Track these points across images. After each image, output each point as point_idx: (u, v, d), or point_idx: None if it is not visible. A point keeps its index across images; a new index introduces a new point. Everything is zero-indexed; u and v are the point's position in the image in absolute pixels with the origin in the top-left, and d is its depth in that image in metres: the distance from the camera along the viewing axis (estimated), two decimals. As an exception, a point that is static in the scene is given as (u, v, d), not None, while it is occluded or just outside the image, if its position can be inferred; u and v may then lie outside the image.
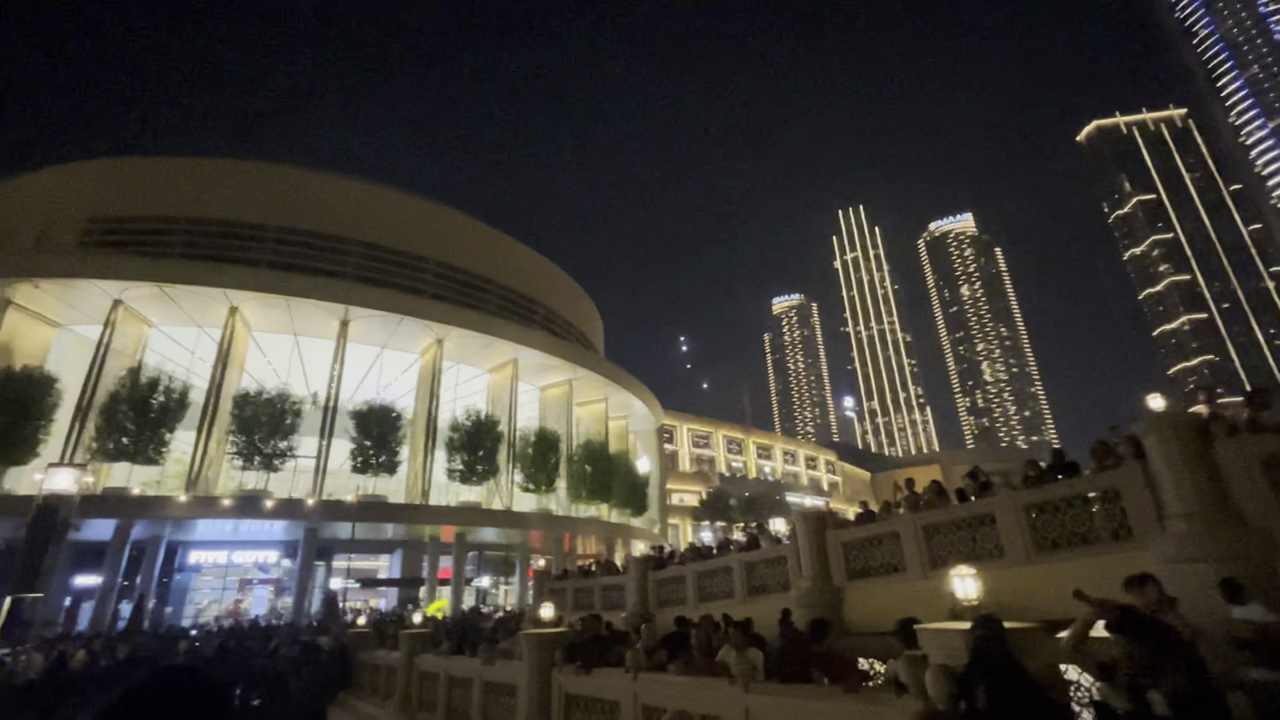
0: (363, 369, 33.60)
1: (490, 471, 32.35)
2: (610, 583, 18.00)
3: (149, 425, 26.32)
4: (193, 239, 32.77)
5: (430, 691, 12.76)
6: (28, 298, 28.05)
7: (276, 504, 25.81)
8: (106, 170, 34.96)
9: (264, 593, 31.78)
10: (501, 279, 41.49)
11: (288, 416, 28.06)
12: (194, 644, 17.26)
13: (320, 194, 36.89)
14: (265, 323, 30.72)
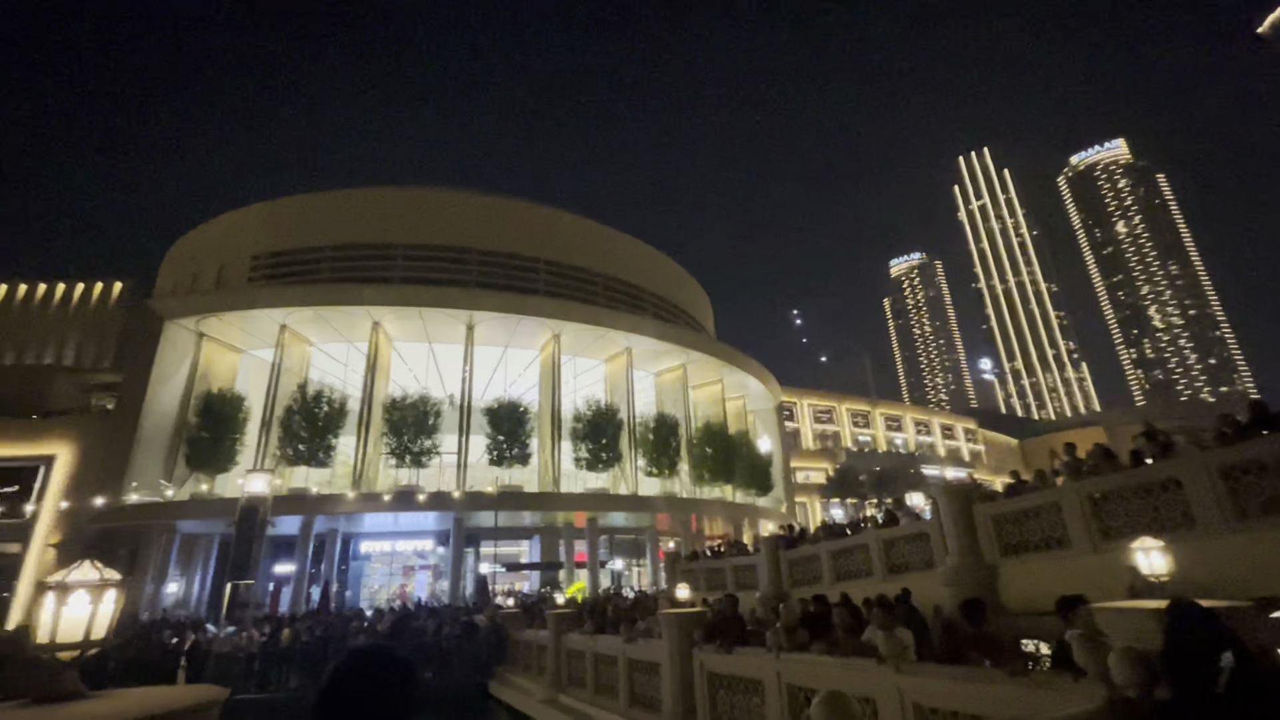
0: (490, 368, 35.86)
1: (614, 458, 33.38)
2: (741, 563, 17.95)
3: (318, 433, 29.88)
4: (337, 264, 36.53)
5: (578, 668, 13.48)
6: (216, 329, 32.78)
7: (428, 497, 28.35)
8: (263, 212, 39.79)
9: (424, 577, 35.09)
10: (609, 271, 42.40)
11: (430, 417, 30.68)
12: (369, 624, 19.46)
13: (440, 209, 39.64)
14: (403, 333, 33.65)
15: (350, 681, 1.57)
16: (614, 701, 11.53)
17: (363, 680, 1.57)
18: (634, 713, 10.77)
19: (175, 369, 31.94)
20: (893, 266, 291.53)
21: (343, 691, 1.56)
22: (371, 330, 32.08)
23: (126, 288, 40.72)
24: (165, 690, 2.23)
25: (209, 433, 29.74)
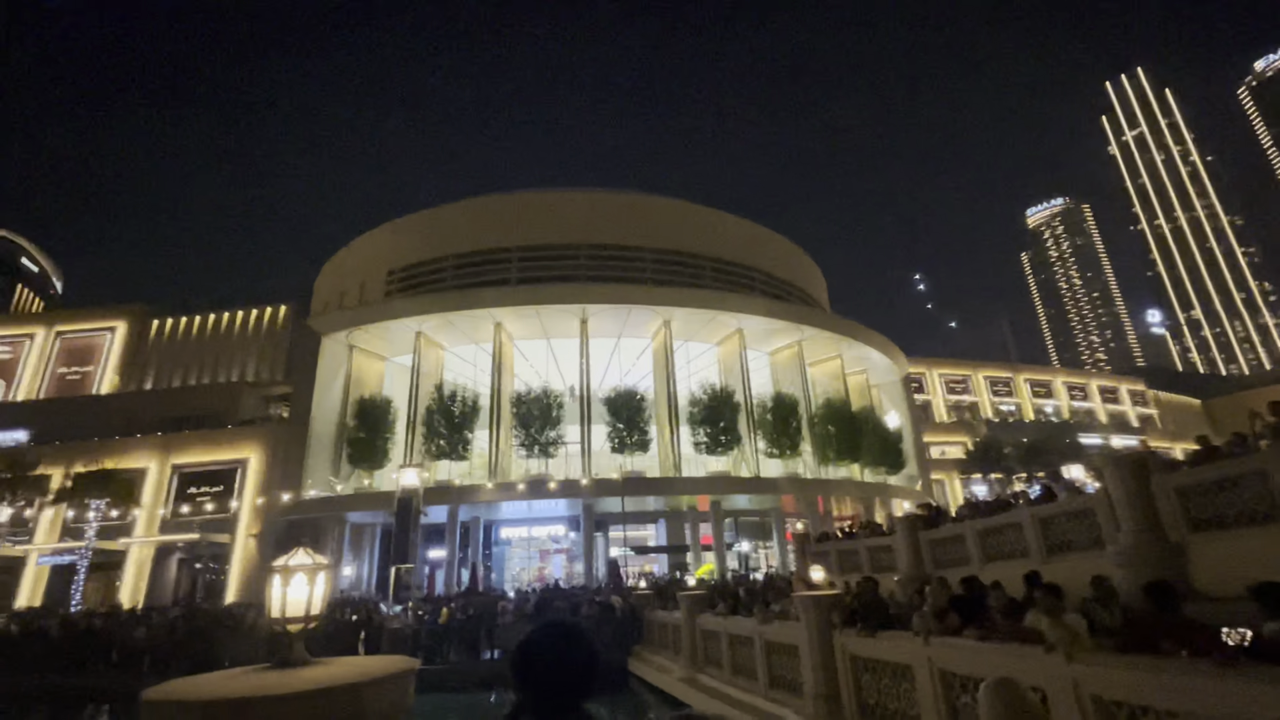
0: (605, 359, 36.89)
1: (733, 441, 33.18)
2: (876, 544, 17.20)
3: (455, 429, 32.38)
4: (460, 271, 39.19)
5: (713, 648, 13.65)
6: (363, 340, 36.44)
7: (557, 485, 29.87)
8: (391, 230, 43.53)
9: (559, 561, 37.06)
10: (715, 253, 41.96)
11: (553, 410, 32.19)
12: (515, 604, 20.90)
13: (548, 210, 41.23)
14: (523, 331, 35.47)
15: (542, 650, 1.77)
16: (753, 682, 11.55)
17: (553, 649, 1.77)
18: (774, 694, 10.73)
19: (333, 378, 35.95)
20: (1030, 217, 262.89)
21: (537, 658, 1.75)
22: (494, 331, 34.12)
23: (289, 310, 46.32)
24: (373, 659, 2.57)
25: (365, 433, 33.26)
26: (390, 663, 2.40)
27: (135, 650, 18.85)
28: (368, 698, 2.17)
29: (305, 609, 2.73)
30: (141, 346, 46.80)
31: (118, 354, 46.16)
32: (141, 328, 47.22)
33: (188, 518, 35.26)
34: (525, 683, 1.74)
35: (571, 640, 1.80)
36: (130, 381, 45.64)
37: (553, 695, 1.73)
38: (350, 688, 2.18)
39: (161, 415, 40.51)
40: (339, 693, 2.15)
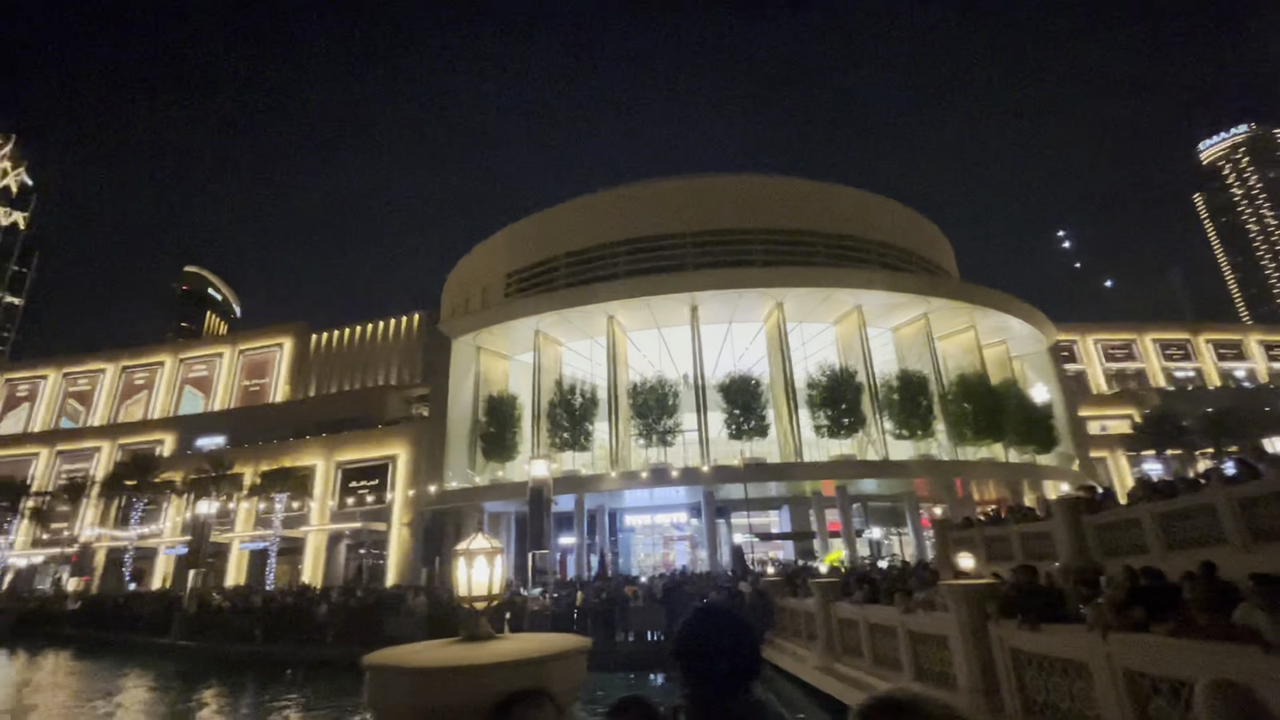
0: (718, 345, 36.67)
1: (857, 423, 31.78)
2: (1031, 530, 15.76)
3: (576, 422, 33.69)
4: (571, 269, 40.57)
5: (851, 637, 13.20)
6: (488, 341, 38.85)
7: (679, 473, 30.20)
8: (506, 236, 45.85)
9: (682, 547, 37.51)
10: (827, 228, 40.17)
11: (668, 398, 32.55)
12: (645, 589, 21.43)
13: (652, 200, 41.49)
14: (634, 322, 36.10)
15: (710, 633, 1.80)
16: (897, 674, 11.05)
17: (720, 632, 1.80)
18: (922, 686, 10.20)
19: (464, 378, 38.69)
20: (1202, 152, 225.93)
21: (705, 641, 1.78)
22: (607, 324, 35.01)
23: (422, 317, 50.45)
24: (552, 635, 2.75)
25: (495, 428, 35.55)
26: (566, 640, 2.57)
27: (319, 625, 21.52)
28: (553, 671, 2.33)
29: (487, 588, 2.98)
30: (304, 358, 53.07)
31: (287, 366, 52.67)
32: (304, 342, 53.50)
33: (351, 509, 39.65)
34: (696, 665, 1.77)
35: (735, 622, 1.84)
36: (298, 390, 51.94)
37: (725, 676, 1.74)
38: (538, 660, 2.34)
39: (323, 418, 45.80)
40: (529, 664, 2.32)
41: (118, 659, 23.70)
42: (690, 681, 1.78)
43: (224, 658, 21.73)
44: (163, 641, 24.75)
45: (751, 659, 1.82)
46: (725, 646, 1.77)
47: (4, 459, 51.16)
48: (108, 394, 55.94)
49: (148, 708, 16.18)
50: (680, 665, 1.80)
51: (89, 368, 57.54)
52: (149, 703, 16.72)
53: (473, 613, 2.93)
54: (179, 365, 55.61)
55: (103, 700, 16.84)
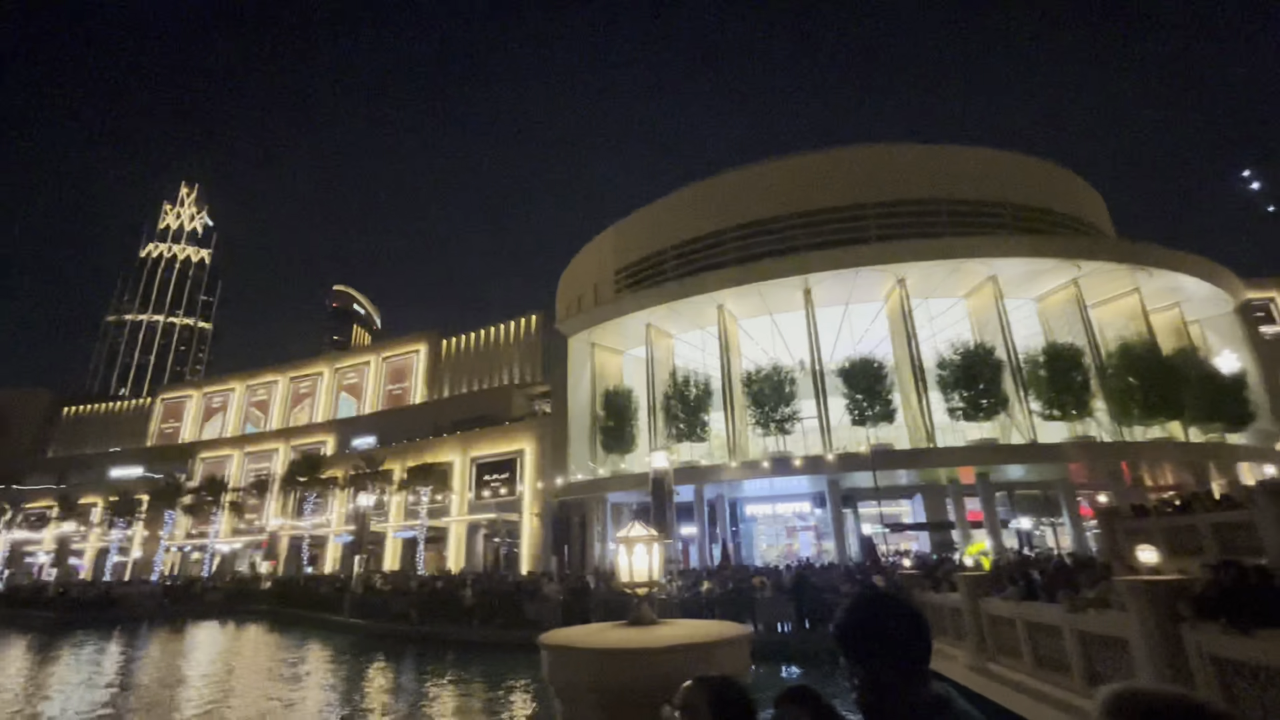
0: (835, 328, 35.16)
1: (998, 404, 29.14)
2: (1227, 519, 13.63)
3: (691, 413, 33.76)
4: (679, 260, 40.62)
5: (1005, 636, 12.15)
6: (601, 338, 39.91)
7: (802, 462, 29.30)
8: (613, 233, 46.75)
9: (806, 538, 36.47)
10: (951, 194, 37.06)
11: (785, 386, 31.71)
12: (771, 579, 21.06)
13: (754, 184, 40.47)
14: (745, 310, 35.47)
15: (872, 615, 1.73)
16: (1064, 677, 10.00)
17: (882, 615, 1.72)
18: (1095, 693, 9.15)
19: (581, 374, 40.05)
20: None
21: (867, 622, 1.72)
22: (717, 314, 34.68)
23: (539, 318, 52.85)
24: (711, 623, 2.75)
25: (612, 422, 36.49)
26: (729, 627, 2.55)
27: (465, 607, 23.28)
28: (721, 657, 2.32)
29: (648, 574, 3.03)
30: (437, 362, 57.51)
31: (423, 370, 57.36)
32: (436, 347, 57.98)
33: (486, 500, 42.50)
34: (865, 650, 1.69)
35: (904, 608, 1.75)
36: (433, 391, 56.41)
37: (898, 663, 1.65)
38: (707, 646, 2.35)
39: (457, 417, 49.39)
40: (699, 649, 2.33)
41: (302, 632, 27.13)
42: (859, 670, 1.69)
43: (387, 635, 24.15)
44: (337, 619, 27.95)
45: (925, 645, 1.70)
46: (896, 631, 1.68)
47: (208, 460, 60.22)
48: (280, 402, 64.00)
49: (330, 673, 18.38)
50: (846, 650, 1.72)
51: (265, 380, 66.13)
52: (330, 669, 18.98)
53: (636, 598, 2.99)
54: (334, 374, 62.40)
55: (292, 667, 19.36)
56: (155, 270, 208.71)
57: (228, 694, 15.53)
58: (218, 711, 13.72)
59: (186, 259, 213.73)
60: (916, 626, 1.70)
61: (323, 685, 16.68)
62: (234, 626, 31.39)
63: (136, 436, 70.85)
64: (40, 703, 15.20)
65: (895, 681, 1.65)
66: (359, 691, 15.71)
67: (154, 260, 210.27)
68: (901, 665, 1.66)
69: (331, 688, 16.21)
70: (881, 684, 1.66)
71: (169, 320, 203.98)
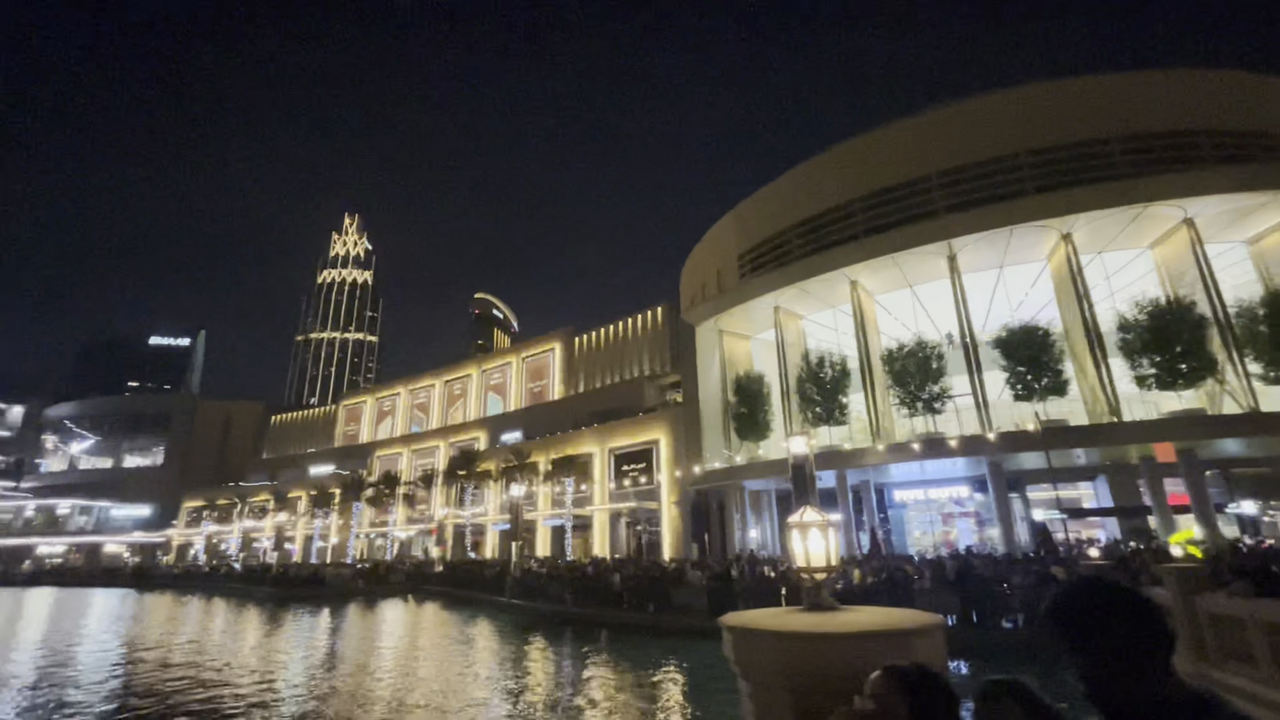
0: (986, 295, 31.99)
1: (1202, 368, 24.88)
2: None
3: (828, 395, 32.41)
4: (803, 238, 39.02)
5: (1231, 639, 10.38)
6: (728, 324, 39.50)
7: (959, 442, 27.02)
8: (733, 218, 45.90)
9: (965, 524, 33.63)
10: (1124, 128, 31.91)
11: (931, 362, 29.40)
12: (929, 569, 19.67)
13: (881, 147, 37.63)
14: (881, 284, 33.28)
15: (1094, 596, 1.58)
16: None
17: (1107, 597, 1.56)
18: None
19: (710, 362, 39.95)
20: None
21: (1083, 609, 1.57)
22: (850, 290, 32.91)
23: (665, 308, 53.43)
24: (903, 611, 2.60)
25: (745, 408, 36.03)
26: (917, 617, 2.40)
27: (614, 591, 24.25)
28: (918, 646, 2.18)
29: (825, 559, 2.94)
30: (571, 359, 60.20)
31: (559, 367, 60.36)
32: (569, 345, 60.72)
33: (626, 489, 43.89)
34: (1086, 634, 1.52)
35: (1130, 591, 1.58)
36: (569, 386, 59.17)
37: (1129, 649, 1.48)
38: (903, 634, 2.22)
39: (592, 410, 51.42)
40: (894, 637, 2.22)
41: (470, 611, 29.79)
42: (1079, 658, 1.53)
43: (544, 615, 25.83)
44: (500, 599, 30.38)
45: (1155, 633, 1.50)
46: (1119, 617, 1.51)
47: (383, 457, 68.03)
48: (438, 403, 70.57)
49: (496, 647, 20.05)
50: (1062, 635, 1.56)
51: (424, 384, 73.23)
52: (496, 644, 20.69)
53: (814, 583, 2.91)
54: (481, 375, 67.60)
55: (463, 641, 21.34)
56: (330, 293, 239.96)
57: (415, 659, 17.52)
58: (418, 673, 15.50)
59: (353, 281, 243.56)
60: (1145, 612, 1.52)
61: (500, 658, 18.21)
62: (415, 603, 35.23)
63: (326, 438, 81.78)
64: (295, 653, 18.12)
65: (1123, 672, 1.49)
66: (532, 664, 16.98)
67: (328, 285, 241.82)
68: (1128, 654, 1.49)
69: (507, 660, 17.65)
70: (1106, 674, 1.50)
71: (343, 336, 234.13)
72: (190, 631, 26.94)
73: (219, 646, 22.11)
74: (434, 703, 12.83)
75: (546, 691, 13.84)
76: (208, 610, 36.04)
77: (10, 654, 20.96)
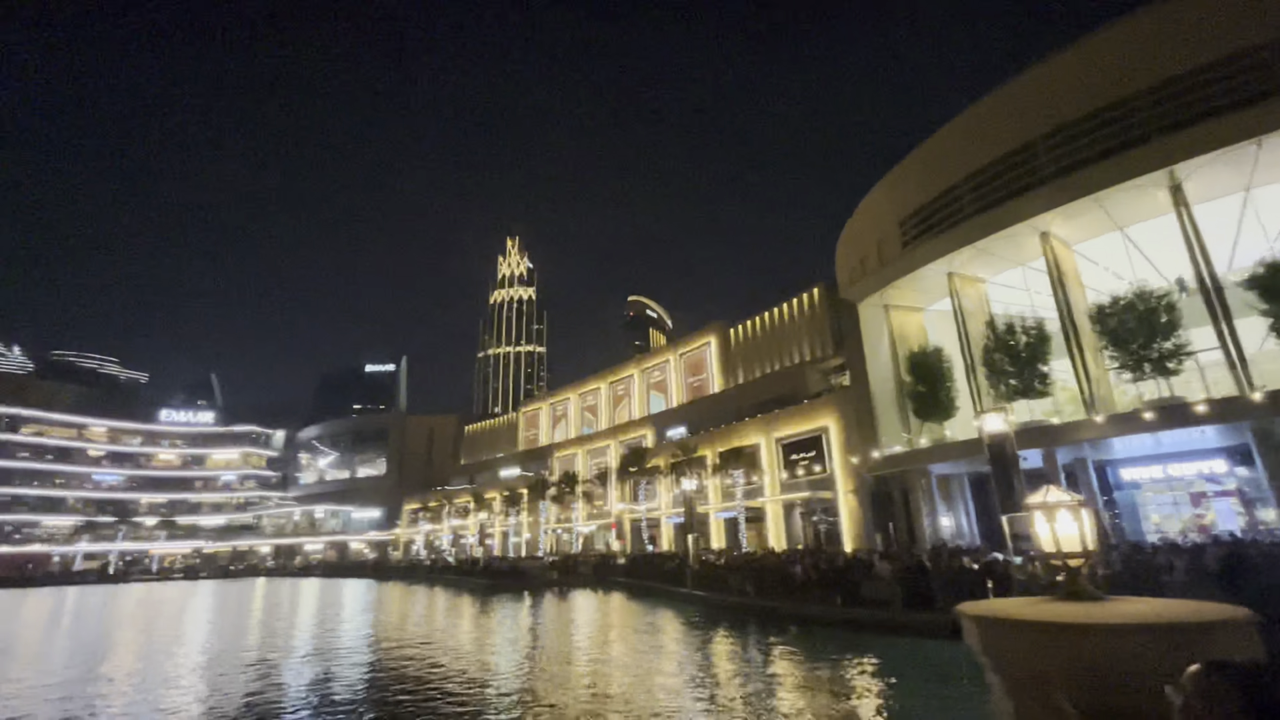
0: (1225, 227, 26.25)
1: None
2: None
3: (1022, 365, 28.74)
4: (975, 191, 34.73)
5: None
6: (895, 298, 36.75)
7: (1207, 408, 22.49)
8: (888, 183, 42.24)
9: (1224, 505, 27.85)
10: None
11: (1159, 314, 24.80)
12: (1183, 560, 16.56)
13: (1065, 75, 32.45)
14: (1080, 231, 28.82)
15: None
16: None
17: None
18: None
19: (878, 340, 37.45)
20: None
21: None
22: (1041, 243, 28.90)
23: (821, 289, 51.07)
24: (1178, 602, 2.24)
25: (923, 387, 33.23)
26: (1220, 608, 2.02)
27: (797, 583, 23.67)
28: (1220, 640, 1.85)
29: (1080, 543, 2.62)
30: (728, 351, 59.95)
31: (716, 360, 60.44)
32: (724, 337, 60.53)
33: (798, 479, 42.68)
34: None
35: None
36: (728, 379, 58.97)
37: None
38: (1203, 626, 1.90)
39: (754, 400, 50.72)
40: (1191, 630, 1.90)
41: (653, 602, 30.90)
42: None
43: (727, 607, 25.98)
44: (681, 591, 31.14)
45: None
46: None
47: (561, 458, 73.16)
48: (605, 404, 74.26)
49: (683, 637, 20.57)
50: None
51: (591, 387, 77.51)
52: (682, 634, 21.23)
53: (1070, 570, 2.60)
54: (642, 375, 69.90)
55: (650, 631, 22.18)
56: (501, 312, 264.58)
57: (609, 643, 18.61)
58: (618, 659, 16.50)
59: (519, 299, 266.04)
60: None
61: (690, 647, 18.73)
62: (603, 594, 37.41)
63: (511, 443, 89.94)
64: (523, 637, 20.33)
65: None
66: (723, 654, 17.23)
67: (499, 304, 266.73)
68: None
69: (698, 649, 18.09)
70: None
71: (515, 350, 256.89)
72: (421, 613, 31.21)
73: (444, 630, 25.34)
74: (635, 688, 13.52)
75: (746, 684, 13.92)
76: (431, 597, 41.48)
77: (331, 627, 25.89)
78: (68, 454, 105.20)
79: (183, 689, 14.92)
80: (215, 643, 23.49)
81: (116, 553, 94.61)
